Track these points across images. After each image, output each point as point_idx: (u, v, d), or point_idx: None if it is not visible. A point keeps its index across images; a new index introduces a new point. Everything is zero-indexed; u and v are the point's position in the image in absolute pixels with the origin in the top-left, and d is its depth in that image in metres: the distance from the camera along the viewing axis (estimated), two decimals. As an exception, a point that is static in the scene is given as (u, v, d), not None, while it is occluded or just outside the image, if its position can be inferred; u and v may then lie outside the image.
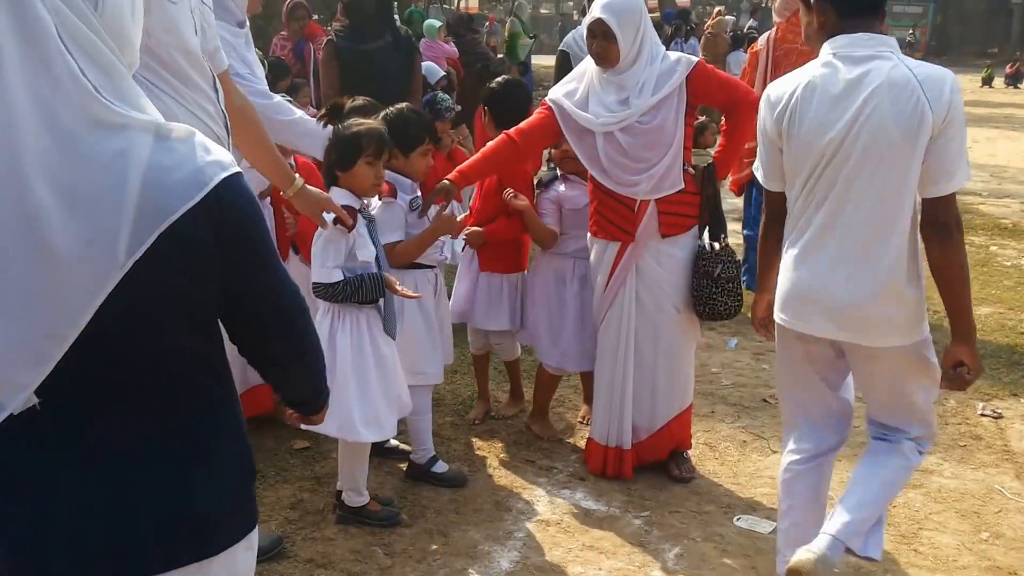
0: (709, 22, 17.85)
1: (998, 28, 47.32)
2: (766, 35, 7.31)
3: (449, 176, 4.27)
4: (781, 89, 3.17)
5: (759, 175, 3.34)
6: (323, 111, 3.99)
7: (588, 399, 5.08)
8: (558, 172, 4.75)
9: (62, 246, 1.48)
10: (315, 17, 7.26)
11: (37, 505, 1.62)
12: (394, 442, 4.66)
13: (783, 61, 7.02)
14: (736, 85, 4.45)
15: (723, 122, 4.62)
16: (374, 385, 3.83)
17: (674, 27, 20.59)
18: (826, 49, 3.11)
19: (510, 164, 4.49)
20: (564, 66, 6.21)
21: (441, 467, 4.43)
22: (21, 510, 1.62)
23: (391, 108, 4.22)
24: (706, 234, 4.36)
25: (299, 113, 4.14)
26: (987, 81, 30.03)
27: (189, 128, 1.64)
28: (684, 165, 4.23)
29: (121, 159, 1.52)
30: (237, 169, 1.66)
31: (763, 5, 39.96)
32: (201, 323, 1.71)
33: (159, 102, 2.69)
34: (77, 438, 1.61)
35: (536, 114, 4.40)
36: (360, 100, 4.63)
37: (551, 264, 4.76)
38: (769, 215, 3.38)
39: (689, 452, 4.68)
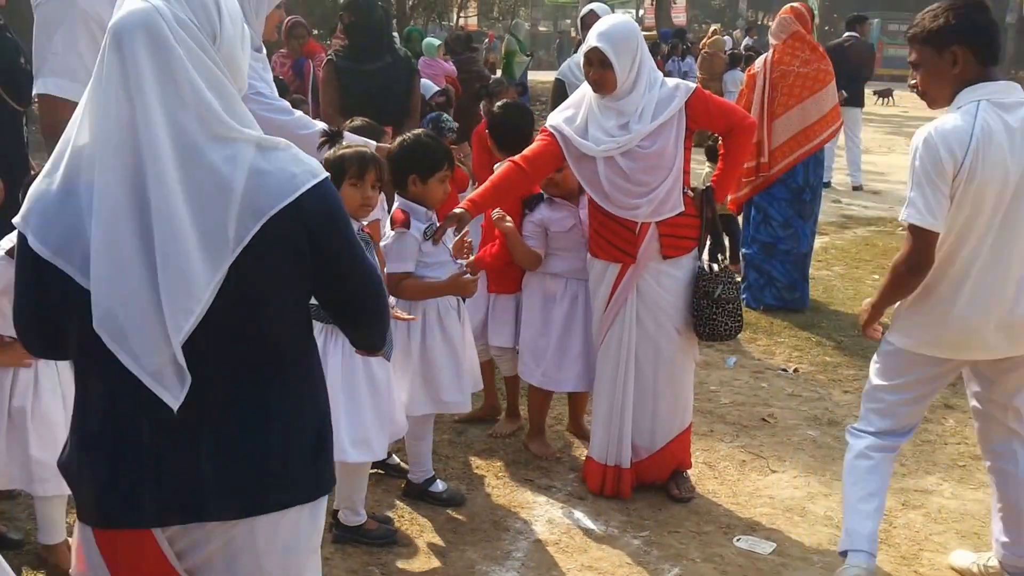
0: (705, 40, 17.89)
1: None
2: (763, 57, 7.30)
3: (462, 204, 4.21)
4: (956, 133, 3.21)
5: (916, 216, 3.26)
6: (323, 138, 3.96)
7: (572, 418, 5.14)
8: (544, 195, 4.72)
9: (189, 235, 1.84)
10: (315, 32, 7.24)
11: (164, 449, 1.97)
12: (395, 459, 4.61)
13: (780, 83, 7.02)
14: (733, 110, 4.46)
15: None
16: (365, 406, 3.78)
17: (670, 46, 20.62)
18: (972, 95, 3.25)
19: (519, 191, 4.46)
20: (560, 94, 6.13)
21: (439, 487, 4.37)
22: (141, 457, 1.97)
23: (409, 133, 4.18)
24: (705, 255, 4.36)
25: (320, 125, 4.18)
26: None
27: (286, 142, 1.98)
28: (684, 188, 4.22)
29: (230, 165, 1.88)
30: (325, 175, 2.01)
31: (759, 23, 40.14)
32: (298, 303, 2.08)
33: None
34: (194, 396, 1.91)
35: (538, 140, 4.35)
36: (359, 120, 4.60)
37: (540, 284, 4.74)
38: (922, 258, 3.33)
39: (689, 472, 4.62)
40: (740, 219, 7.77)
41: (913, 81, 3.49)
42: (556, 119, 4.33)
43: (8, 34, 5.47)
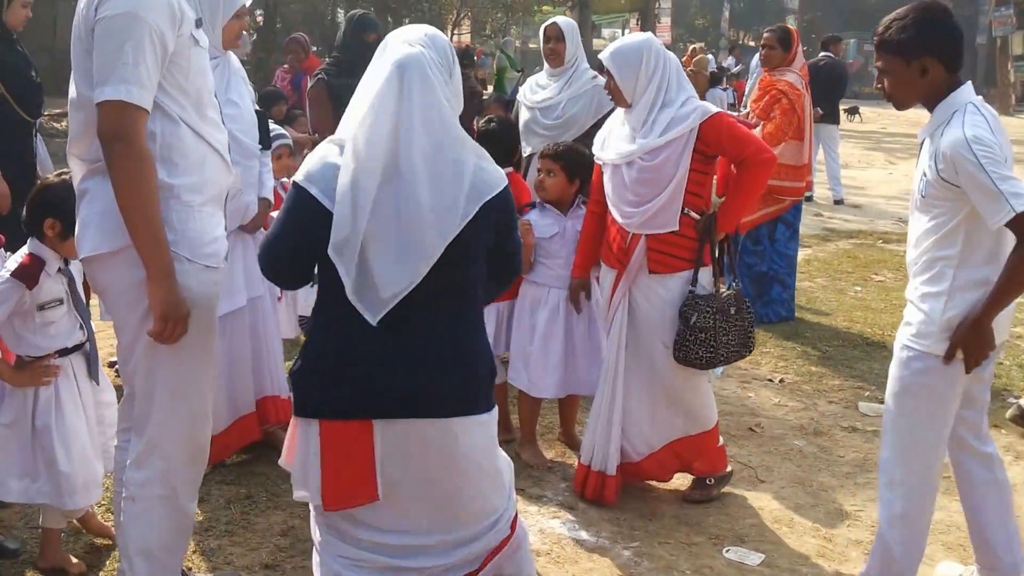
0: (686, 57, 17.84)
1: (964, 66, 47.63)
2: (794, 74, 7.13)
3: (575, 274, 4.56)
4: (984, 126, 3.15)
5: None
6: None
7: (564, 427, 5.11)
8: (536, 201, 4.74)
9: (428, 210, 2.57)
10: (315, 49, 7.19)
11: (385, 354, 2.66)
12: None
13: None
14: (747, 142, 4.18)
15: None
16: None
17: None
18: (961, 98, 3.24)
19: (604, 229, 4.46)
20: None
21: None
22: (368, 361, 2.65)
23: None
24: (706, 278, 4.25)
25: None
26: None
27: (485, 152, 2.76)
28: (684, 209, 4.14)
29: (459, 162, 2.64)
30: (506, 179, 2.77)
31: (740, 43, 40.20)
32: (483, 263, 2.77)
33: (181, 136, 2.99)
34: (414, 318, 2.65)
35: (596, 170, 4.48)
36: None
37: (527, 292, 4.72)
38: None
39: (711, 479, 4.49)
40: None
41: (879, 85, 3.43)
42: (596, 141, 4.48)
43: (19, 48, 5.41)
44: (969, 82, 3.32)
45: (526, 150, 5.48)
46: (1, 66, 5.23)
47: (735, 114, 6.57)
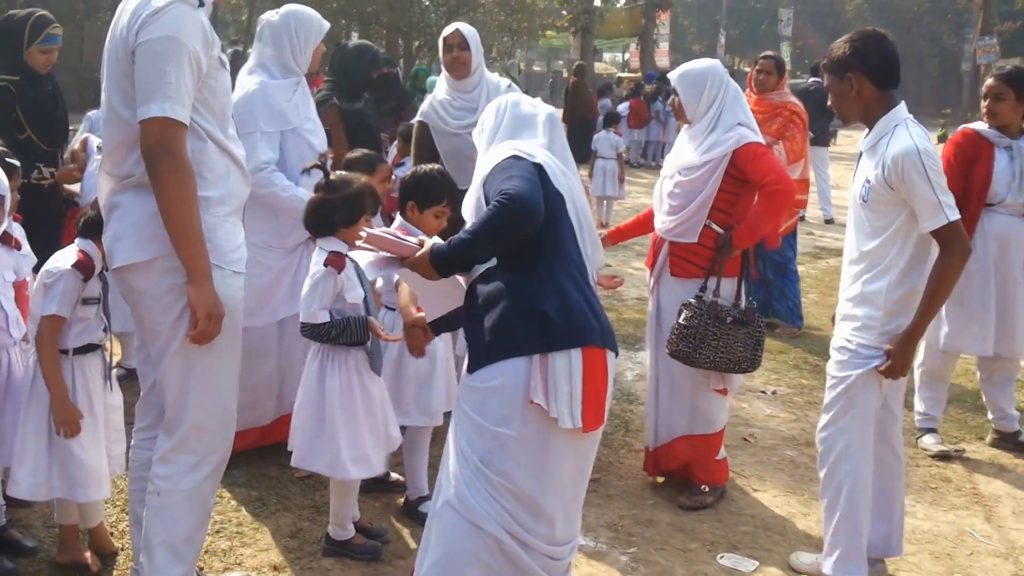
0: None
1: (950, 92, 47.77)
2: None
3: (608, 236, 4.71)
4: (931, 142, 3.38)
5: (954, 214, 3.32)
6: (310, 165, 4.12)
7: None
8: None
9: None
10: (324, 70, 7.13)
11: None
12: (395, 475, 4.45)
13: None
14: (767, 172, 4.21)
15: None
16: (362, 424, 3.67)
17: (655, 87, 20.58)
18: (901, 114, 3.44)
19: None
20: (423, 137, 5.20)
21: (427, 506, 4.14)
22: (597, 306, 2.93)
23: (423, 165, 4.03)
24: (727, 289, 4.33)
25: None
26: (942, 139, 29.99)
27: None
28: (708, 222, 4.28)
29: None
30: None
31: (735, 68, 40.18)
32: None
33: (208, 152, 3.05)
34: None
35: None
36: (357, 152, 4.52)
37: None
38: (968, 246, 3.46)
39: (706, 487, 4.47)
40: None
41: (829, 103, 3.61)
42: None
43: (46, 84, 5.41)
44: (903, 102, 3.49)
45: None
46: (25, 103, 5.24)
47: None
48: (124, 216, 3.03)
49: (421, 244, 2.86)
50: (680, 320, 4.21)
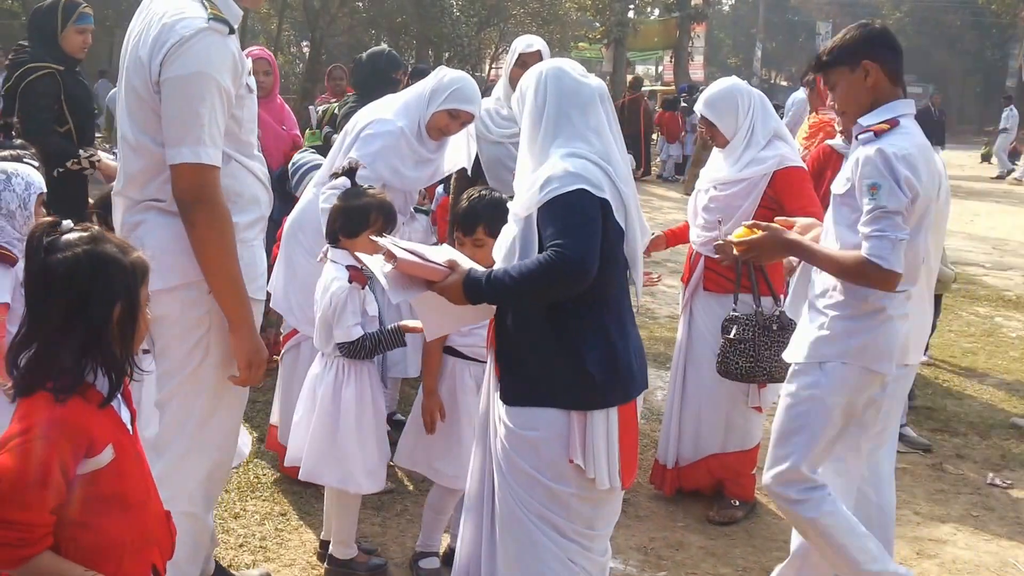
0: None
1: (993, 110, 47.33)
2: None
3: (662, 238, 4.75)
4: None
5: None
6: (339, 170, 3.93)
7: None
8: None
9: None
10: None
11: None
12: (389, 484, 4.39)
13: None
14: (803, 200, 4.20)
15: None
16: (373, 437, 3.67)
17: (688, 100, 20.58)
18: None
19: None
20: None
21: (427, 564, 3.88)
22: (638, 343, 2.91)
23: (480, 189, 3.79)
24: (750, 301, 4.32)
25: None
26: (986, 158, 29.79)
27: None
28: None
29: None
30: None
31: (771, 82, 40.06)
32: None
33: (235, 175, 3.01)
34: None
35: None
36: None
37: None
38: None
39: (736, 502, 4.51)
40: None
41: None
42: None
43: (82, 80, 5.47)
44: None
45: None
46: (70, 101, 5.28)
47: None
48: (146, 237, 2.95)
49: (451, 267, 2.74)
50: (731, 336, 4.16)
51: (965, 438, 5.73)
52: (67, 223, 2.15)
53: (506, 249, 2.80)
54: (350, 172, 3.83)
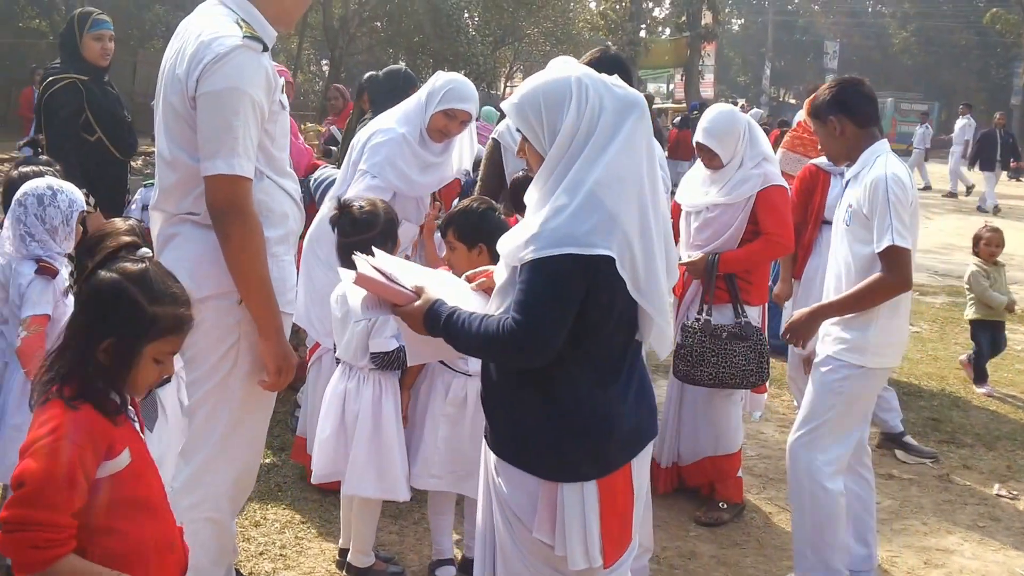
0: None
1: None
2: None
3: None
4: (904, 173, 3.63)
5: (901, 240, 3.51)
6: None
7: None
8: None
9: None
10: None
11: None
12: None
13: None
14: (778, 223, 4.47)
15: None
16: (403, 446, 3.69)
17: (696, 117, 20.56)
18: (882, 148, 3.70)
19: None
20: (495, 155, 5.09)
21: (447, 572, 3.88)
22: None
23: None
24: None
25: None
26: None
27: None
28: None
29: None
30: None
31: (780, 100, 40.05)
32: None
33: (268, 191, 3.02)
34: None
35: None
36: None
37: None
38: (908, 276, 3.60)
39: (724, 504, 4.57)
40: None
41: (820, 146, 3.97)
42: (680, 185, 4.81)
43: (110, 88, 5.49)
44: (884, 139, 3.76)
45: None
46: (95, 109, 5.29)
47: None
48: (180, 248, 2.99)
49: (417, 292, 2.52)
50: (679, 341, 4.39)
51: (972, 449, 5.70)
52: (144, 251, 2.17)
53: (499, 285, 2.53)
54: (344, 208, 3.75)
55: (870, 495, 3.99)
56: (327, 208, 4.53)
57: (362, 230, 3.66)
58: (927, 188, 22.77)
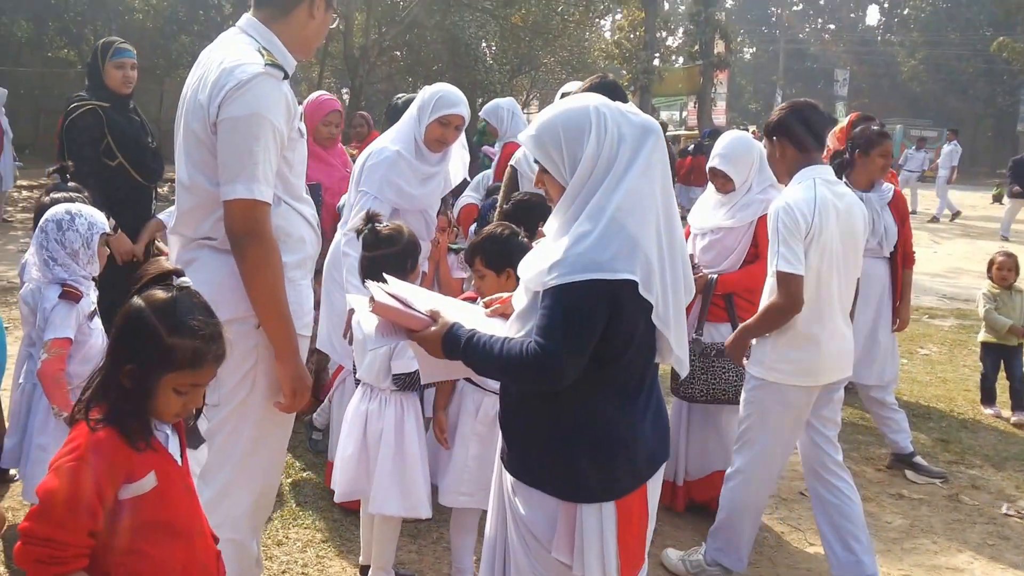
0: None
1: (1004, 152, 47.06)
2: None
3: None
4: (805, 201, 3.72)
5: (786, 265, 3.69)
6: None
7: None
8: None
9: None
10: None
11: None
12: None
13: None
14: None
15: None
16: (425, 464, 3.70)
17: (708, 144, 20.52)
18: (810, 173, 3.82)
19: None
20: (512, 181, 5.18)
21: None
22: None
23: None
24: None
25: None
26: (997, 198, 29.51)
27: None
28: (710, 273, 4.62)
29: None
30: None
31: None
32: None
33: (286, 216, 3.03)
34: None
35: None
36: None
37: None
38: (795, 300, 3.72)
39: None
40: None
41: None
42: (694, 209, 4.87)
43: (135, 116, 5.55)
44: (823, 165, 3.90)
45: None
46: (117, 135, 5.34)
47: None
48: (199, 273, 2.94)
49: (433, 317, 2.50)
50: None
51: (981, 469, 5.68)
52: (182, 280, 2.18)
53: (519, 310, 2.53)
54: (370, 221, 3.81)
55: (846, 502, 4.00)
56: (341, 234, 4.59)
57: (386, 245, 3.70)
58: (912, 212, 22.62)
